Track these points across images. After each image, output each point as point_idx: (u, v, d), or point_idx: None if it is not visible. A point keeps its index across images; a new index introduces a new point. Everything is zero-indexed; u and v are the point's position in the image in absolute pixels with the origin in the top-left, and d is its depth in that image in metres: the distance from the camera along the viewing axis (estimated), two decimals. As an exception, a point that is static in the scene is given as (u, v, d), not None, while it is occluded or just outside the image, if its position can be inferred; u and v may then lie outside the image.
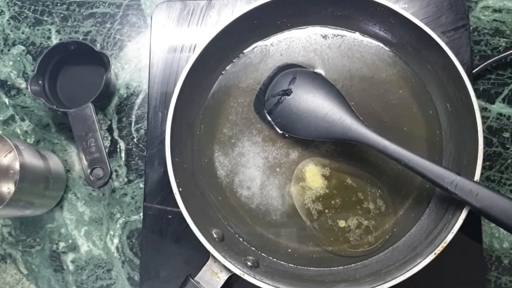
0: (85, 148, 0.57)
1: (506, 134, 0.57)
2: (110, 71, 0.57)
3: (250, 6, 0.53)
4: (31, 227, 0.59)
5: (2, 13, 0.64)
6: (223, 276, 0.48)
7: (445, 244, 0.45)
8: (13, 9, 0.64)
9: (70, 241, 0.58)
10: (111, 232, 0.58)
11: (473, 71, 0.57)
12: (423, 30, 0.50)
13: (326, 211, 0.53)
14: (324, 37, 0.57)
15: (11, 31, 0.64)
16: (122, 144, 0.60)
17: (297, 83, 0.55)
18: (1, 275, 0.59)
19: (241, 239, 0.53)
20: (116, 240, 0.58)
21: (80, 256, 0.58)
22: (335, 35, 0.57)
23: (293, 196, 0.54)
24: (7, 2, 0.65)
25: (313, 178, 0.54)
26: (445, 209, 0.49)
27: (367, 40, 0.57)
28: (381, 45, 0.56)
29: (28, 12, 0.64)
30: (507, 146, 0.57)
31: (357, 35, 0.57)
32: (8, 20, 0.64)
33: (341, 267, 0.52)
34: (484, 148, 0.48)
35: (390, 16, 0.53)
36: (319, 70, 0.56)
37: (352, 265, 0.52)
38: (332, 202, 0.53)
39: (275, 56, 0.57)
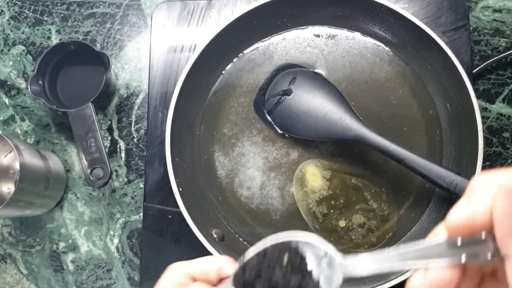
0: (85, 148, 0.57)
1: (506, 134, 0.57)
2: (110, 71, 0.57)
3: (250, 6, 0.53)
4: (31, 227, 0.59)
5: (2, 13, 0.64)
6: (223, 276, 0.48)
7: (445, 244, 0.45)
8: (13, 9, 0.64)
9: (70, 241, 0.58)
10: (111, 232, 0.58)
11: (473, 71, 0.57)
12: (423, 30, 0.50)
13: (326, 211, 0.53)
14: (324, 37, 0.57)
15: (11, 31, 0.64)
16: (122, 144, 0.60)
17: (297, 83, 0.55)
18: (1, 275, 0.59)
19: (241, 239, 0.53)
20: (116, 240, 0.58)
21: (80, 256, 0.58)
22: (335, 35, 0.57)
23: (294, 196, 0.54)
24: (7, 2, 0.65)
25: (313, 179, 0.54)
26: (445, 209, 0.49)
27: (367, 40, 0.57)
28: (381, 45, 0.56)
29: (28, 12, 0.64)
30: (507, 146, 0.57)
31: (357, 35, 0.57)
32: (8, 20, 0.64)
33: (341, 267, 0.52)
34: (484, 148, 0.47)
35: (390, 16, 0.53)
36: (319, 70, 0.56)
37: (352, 265, 0.52)
38: (332, 202, 0.53)
39: (275, 56, 0.57)
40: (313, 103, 0.53)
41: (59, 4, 0.64)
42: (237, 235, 0.53)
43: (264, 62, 0.57)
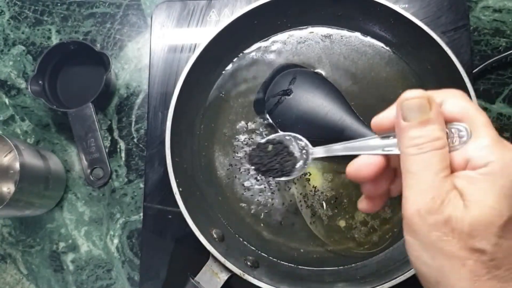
0: (85, 148, 0.57)
1: (507, 134, 0.57)
2: (110, 71, 0.57)
3: (250, 6, 0.53)
4: (31, 227, 0.59)
5: (2, 13, 0.64)
6: (223, 276, 0.48)
7: (446, 244, 0.45)
8: (13, 9, 0.64)
9: (70, 241, 0.58)
10: (111, 232, 0.58)
11: (473, 71, 0.57)
12: (423, 30, 0.50)
13: (327, 211, 0.53)
14: (324, 37, 0.57)
15: (11, 31, 0.64)
16: (122, 144, 0.60)
17: (297, 83, 0.55)
18: (1, 275, 0.59)
19: (241, 239, 0.53)
20: (116, 240, 0.58)
21: (80, 256, 0.58)
22: (335, 35, 0.57)
23: (294, 196, 0.54)
24: (7, 2, 0.65)
25: (314, 178, 0.54)
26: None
27: (367, 40, 0.57)
28: (381, 45, 0.56)
29: (28, 12, 0.64)
30: (507, 146, 0.57)
31: (357, 35, 0.57)
32: (8, 20, 0.64)
33: (341, 267, 0.52)
34: (484, 148, 0.47)
35: (390, 16, 0.53)
36: (319, 70, 0.56)
37: (353, 265, 0.52)
38: (333, 202, 0.53)
39: (275, 56, 0.57)
40: (313, 103, 0.53)
41: (59, 4, 0.64)
42: (237, 235, 0.53)
43: (264, 62, 0.57)
